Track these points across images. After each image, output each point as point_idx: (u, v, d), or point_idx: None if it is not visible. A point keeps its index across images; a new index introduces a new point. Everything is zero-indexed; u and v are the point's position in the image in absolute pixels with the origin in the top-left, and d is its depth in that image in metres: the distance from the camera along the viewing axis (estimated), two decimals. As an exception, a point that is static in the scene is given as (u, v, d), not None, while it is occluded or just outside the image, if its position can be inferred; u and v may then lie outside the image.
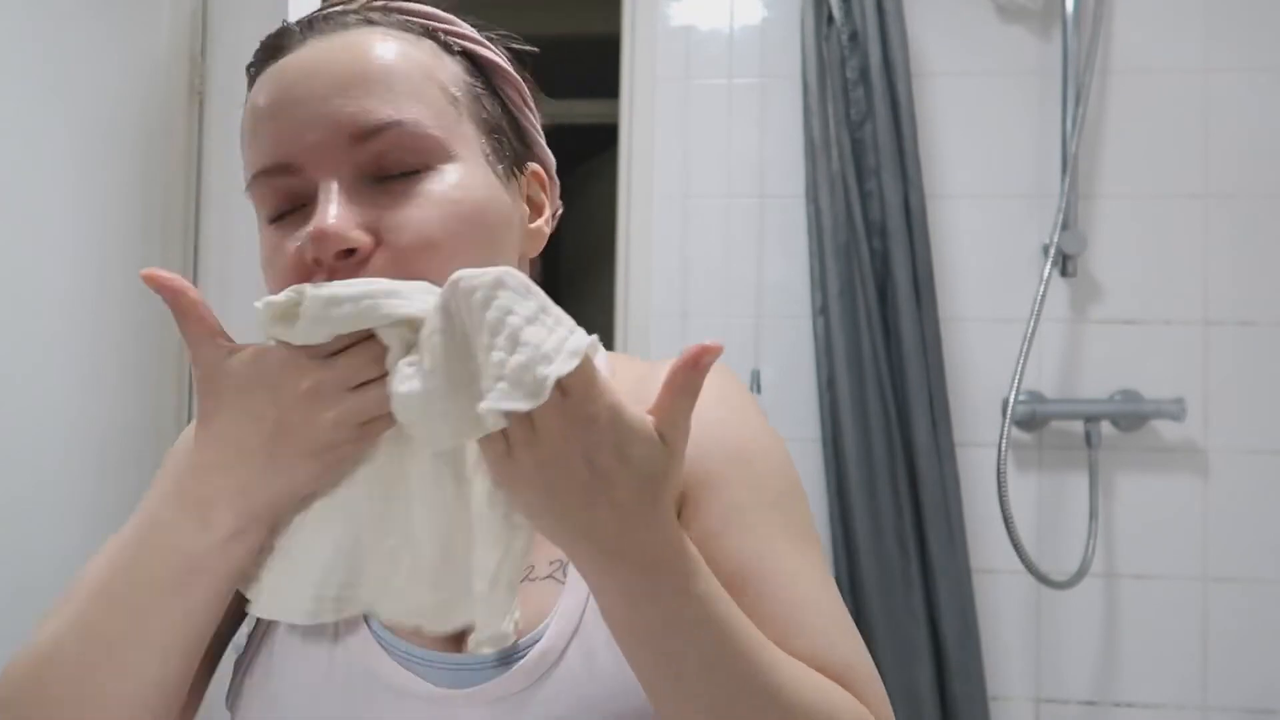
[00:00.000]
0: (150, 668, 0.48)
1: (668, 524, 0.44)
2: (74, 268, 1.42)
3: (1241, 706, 1.53)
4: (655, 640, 0.46)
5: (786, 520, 0.57)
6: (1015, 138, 1.62)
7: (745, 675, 0.46)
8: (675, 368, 0.43)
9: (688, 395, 0.43)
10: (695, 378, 0.43)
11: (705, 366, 0.42)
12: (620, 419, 0.42)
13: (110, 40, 1.49)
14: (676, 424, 0.43)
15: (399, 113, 0.50)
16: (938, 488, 1.48)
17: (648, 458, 0.42)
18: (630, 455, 0.42)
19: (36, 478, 1.33)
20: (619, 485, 0.42)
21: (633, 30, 1.70)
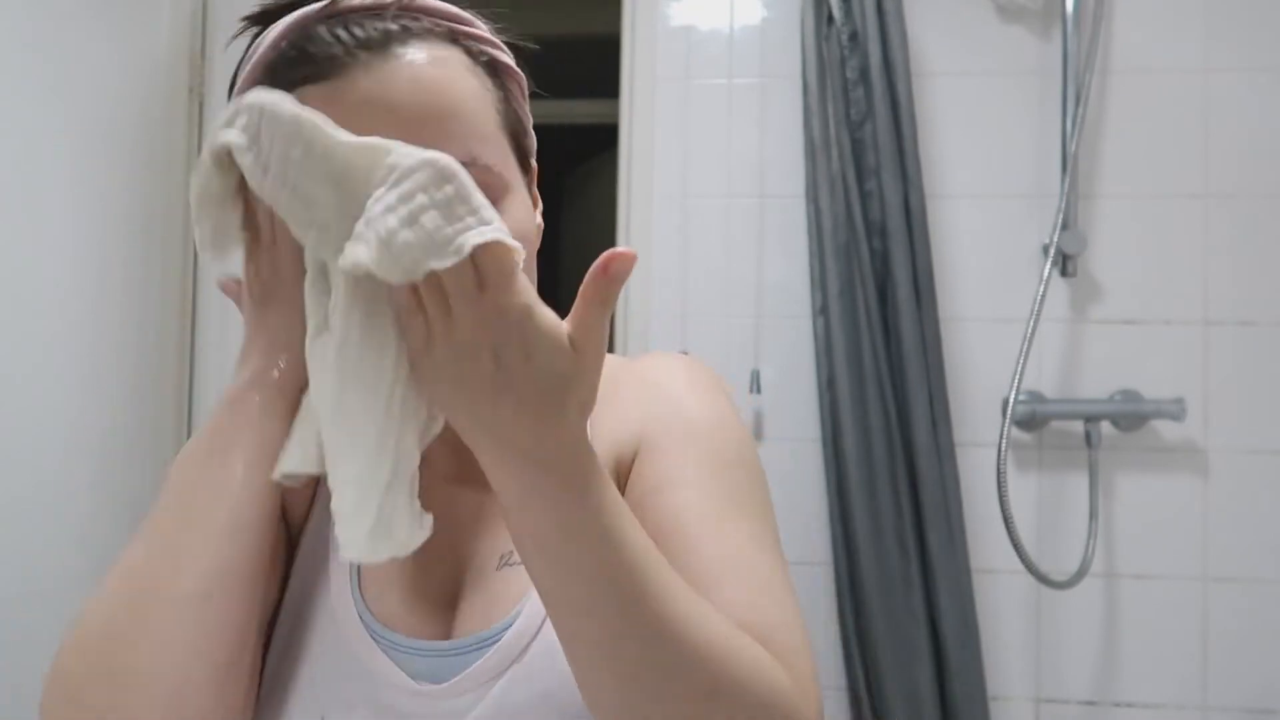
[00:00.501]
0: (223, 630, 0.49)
1: (571, 429, 0.44)
2: (74, 268, 1.42)
3: (1241, 706, 1.53)
4: (549, 547, 0.45)
5: (729, 490, 0.57)
6: (1015, 138, 1.62)
7: (636, 597, 0.45)
8: (588, 277, 0.43)
9: (599, 304, 0.43)
10: (606, 285, 0.43)
11: (615, 273, 0.43)
12: (531, 319, 0.42)
13: (110, 40, 1.49)
14: (588, 332, 0.44)
15: (469, 154, 0.52)
16: (938, 488, 1.48)
17: (554, 360, 0.43)
18: (536, 355, 0.42)
19: (36, 478, 1.33)
20: (524, 383, 0.43)
21: (633, 30, 1.70)
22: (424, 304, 0.43)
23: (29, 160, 1.33)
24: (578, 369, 0.44)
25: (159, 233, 1.60)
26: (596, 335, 0.44)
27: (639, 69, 1.69)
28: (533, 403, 0.43)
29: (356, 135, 0.46)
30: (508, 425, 0.43)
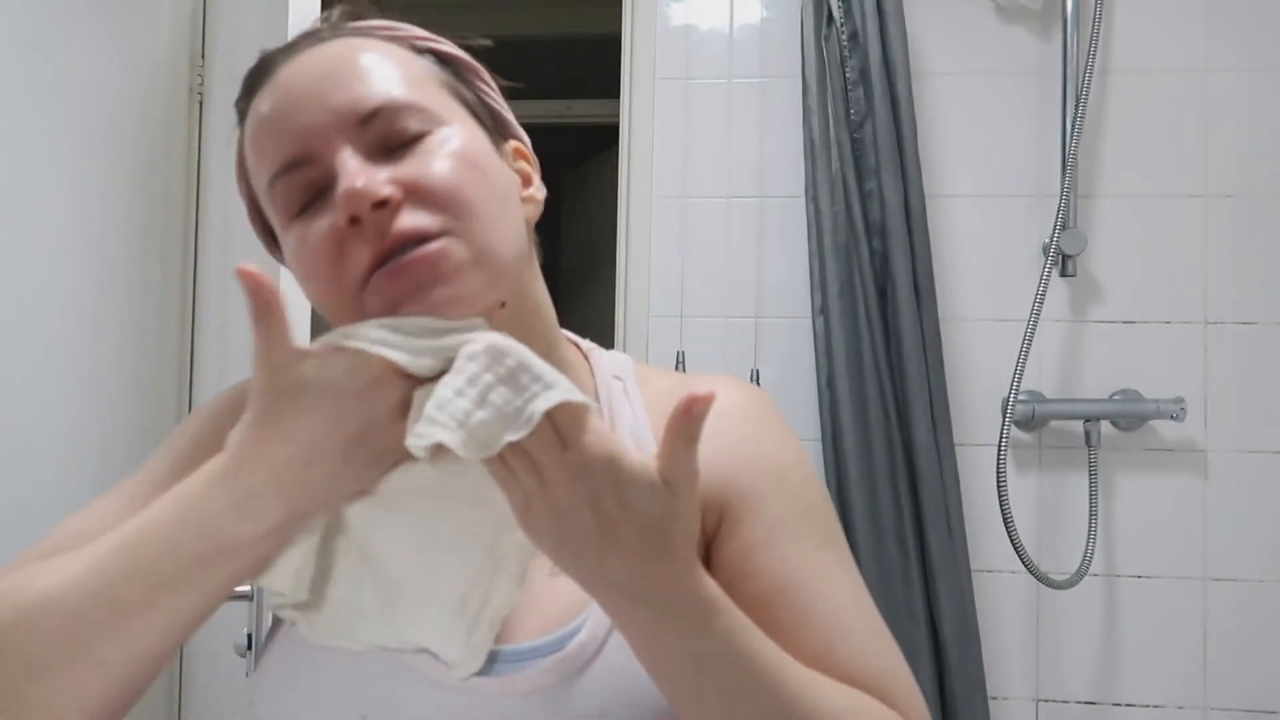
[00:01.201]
0: (150, 640, 0.49)
1: (681, 565, 0.46)
2: (74, 268, 1.42)
3: (1241, 706, 1.53)
4: (676, 673, 0.48)
5: (821, 531, 0.60)
6: (1015, 138, 1.62)
7: (768, 707, 0.48)
8: (672, 416, 0.44)
9: (686, 440, 0.44)
10: (690, 425, 0.44)
11: (698, 415, 0.44)
12: (619, 467, 0.44)
13: (110, 40, 1.49)
14: (679, 468, 0.45)
15: (390, 92, 0.54)
16: (938, 488, 1.48)
17: (650, 503, 0.44)
18: (632, 501, 0.44)
19: (36, 478, 1.33)
20: (625, 530, 0.44)
21: (632, 30, 1.70)
22: (515, 472, 0.45)
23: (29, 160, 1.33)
24: (674, 505, 0.45)
25: (159, 233, 1.60)
26: (687, 469, 0.45)
27: (639, 69, 1.69)
28: (638, 547, 0.45)
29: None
30: (618, 572, 0.45)
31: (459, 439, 0.44)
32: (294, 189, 0.54)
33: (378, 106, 0.53)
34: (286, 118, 0.54)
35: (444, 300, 0.50)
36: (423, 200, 0.52)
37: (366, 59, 0.56)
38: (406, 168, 0.53)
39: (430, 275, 0.50)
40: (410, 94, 0.55)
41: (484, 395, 0.44)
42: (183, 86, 1.65)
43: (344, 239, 0.51)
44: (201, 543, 0.48)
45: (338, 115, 0.53)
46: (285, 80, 0.55)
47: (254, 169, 0.57)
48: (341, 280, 0.52)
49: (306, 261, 0.54)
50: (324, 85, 0.54)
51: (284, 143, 0.54)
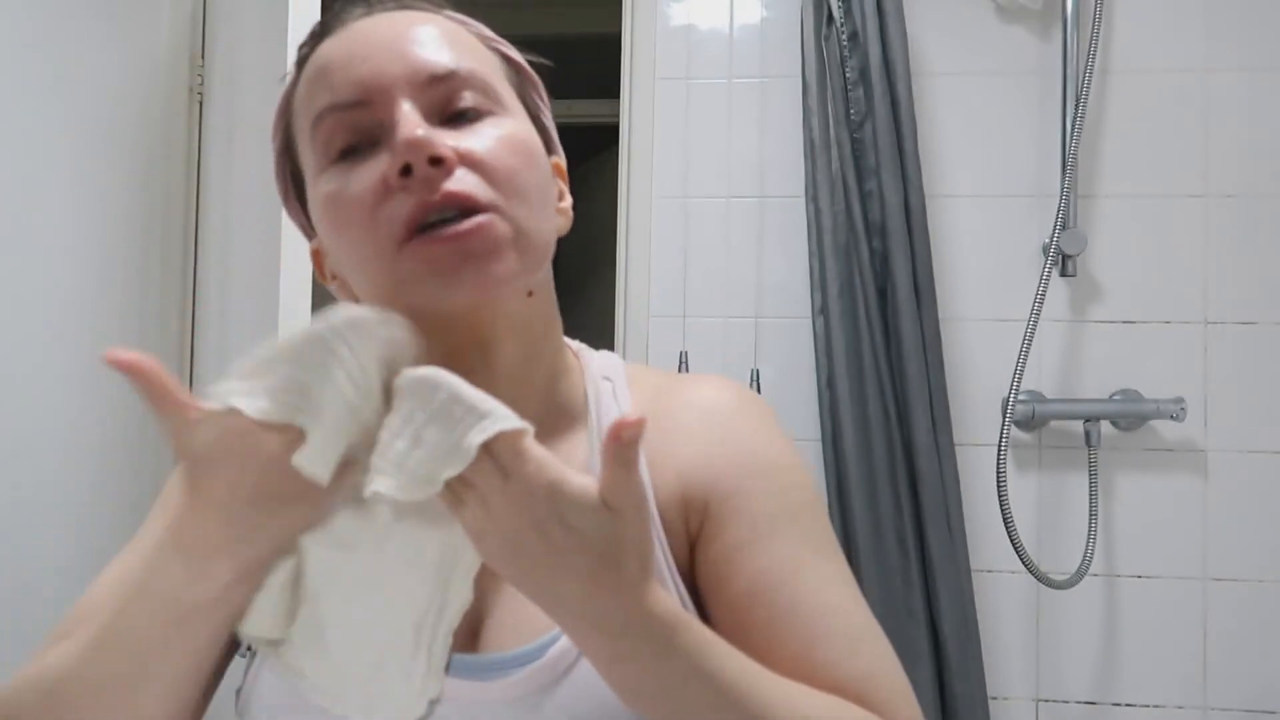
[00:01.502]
0: (158, 703, 0.50)
1: (634, 587, 0.45)
2: (74, 267, 1.42)
3: (1241, 707, 1.53)
4: (642, 695, 0.47)
5: (807, 530, 0.58)
6: (1015, 138, 1.62)
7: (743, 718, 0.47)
8: (605, 441, 0.43)
9: (623, 464, 0.43)
10: (623, 450, 0.43)
11: (628, 440, 0.43)
12: (560, 493, 0.43)
13: (110, 40, 1.49)
14: (620, 493, 0.44)
15: (464, 63, 0.55)
16: (938, 488, 1.48)
17: (595, 528, 0.43)
18: (576, 527, 0.43)
19: (36, 478, 1.33)
20: (574, 554, 0.44)
21: (632, 30, 1.70)
22: (464, 501, 0.44)
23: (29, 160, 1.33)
24: (620, 529, 0.44)
25: (159, 233, 1.60)
26: (628, 492, 0.44)
27: (639, 69, 1.69)
28: (589, 571, 0.44)
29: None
30: (575, 598, 0.45)
31: (398, 483, 0.44)
32: (342, 128, 0.54)
33: (451, 70, 0.54)
34: (354, 61, 0.54)
35: (490, 276, 0.51)
36: (477, 170, 0.52)
37: (446, 28, 0.57)
38: (466, 138, 0.53)
39: (482, 248, 0.51)
40: (484, 70, 0.56)
41: (418, 434, 0.44)
42: (183, 86, 1.64)
43: (390, 189, 0.51)
44: (170, 608, 0.48)
45: (409, 69, 0.53)
46: (361, 29, 0.56)
47: (302, 106, 0.57)
48: (378, 232, 0.52)
49: (344, 208, 0.53)
50: (399, 40, 0.54)
51: (346, 82, 0.53)
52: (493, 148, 0.53)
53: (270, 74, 0.58)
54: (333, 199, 0.54)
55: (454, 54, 0.55)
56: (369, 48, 0.54)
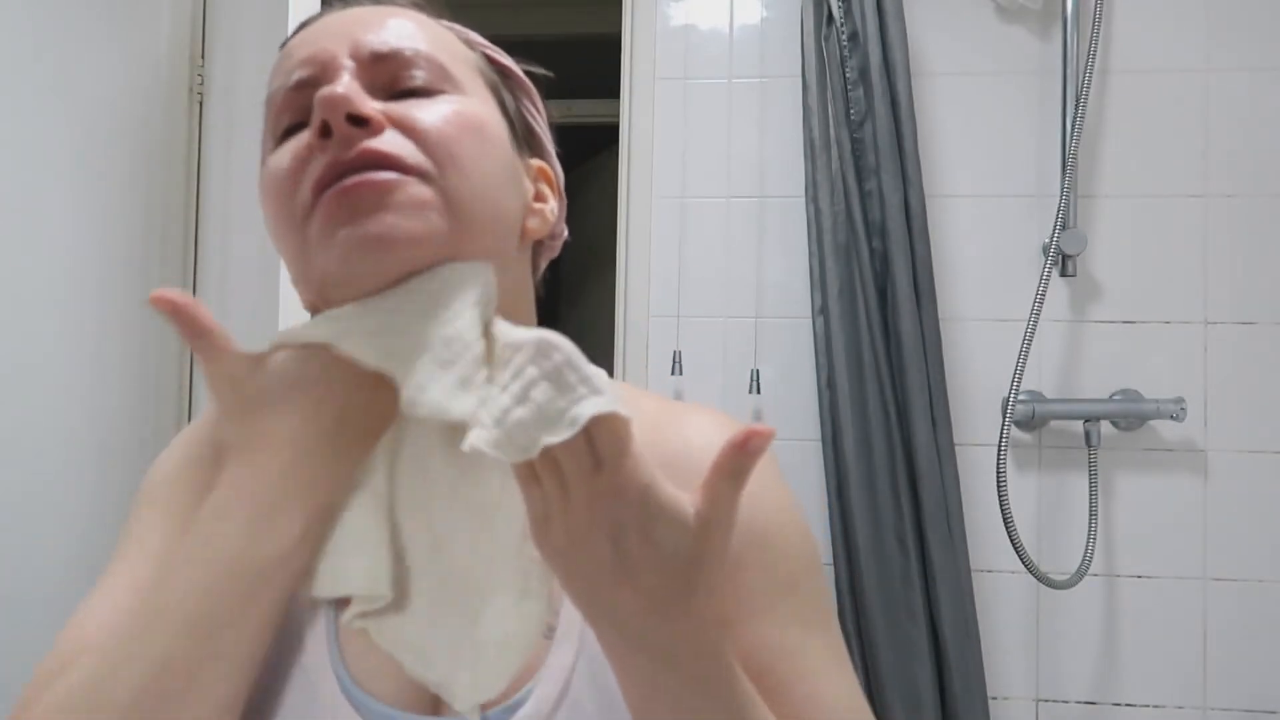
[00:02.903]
0: (224, 685, 0.46)
1: (697, 616, 0.41)
2: (74, 267, 1.42)
3: (1241, 707, 1.53)
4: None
5: (802, 603, 0.54)
6: (1015, 138, 1.62)
7: None
8: (724, 449, 0.40)
9: (734, 479, 0.40)
10: (744, 461, 0.39)
11: (754, 451, 0.39)
12: (651, 498, 0.39)
13: (110, 41, 1.49)
14: (719, 508, 0.40)
15: (413, 42, 0.52)
16: (938, 488, 1.48)
17: (677, 543, 0.40)
18: (658, 539, 0.39)
19: (36, 478, 1.33)
20: (644, 570, 0.40)
21: (632, 30, 1.70)
22: (541, 479, 0.40)
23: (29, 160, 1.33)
24: (704, 549, 0.40)
25: (159, 233, 1.60)
26: (726, 514, 0.40)
27: (639, 69, 1.69)
28: (654, 590, 0.40)
29: None
30: (628, 613, 0.41)
31: (493, 438, 0.40)
32: (288, 108, 0.51)
33: (396, 49, 0.51)
34: (305, 45, 0.53)
35: (386, 231, 0.45)
36: (412, 137, 0.48)
37: (406, 16, 0.54)
38: (408, 108, 0.49)
39: (375, 201, 0.46)
40: (433, 51, 0.52)
41: (526, 391, 0.40)
42: (183, 86, 1.64)
43: (306, 159, 0.48)
44: (236, 579, 0.45)
45: (352, 44, 0.51)
46: (321, 19, 0.55)
47: (267, 103, 0.55)
48: (292, 202, 0.48)
49: (266, 182, 0.50)
50: (352, 23, 0.53)
51: (294, 63, 0.52)
52: (435, 117, 0.49)
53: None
54: (264, 175, 0.51)
55: (407, 37, 0.52)
56: (323, 33, 0.53)
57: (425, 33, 0.54)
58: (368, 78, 0.50)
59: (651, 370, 1.66)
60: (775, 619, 0.52)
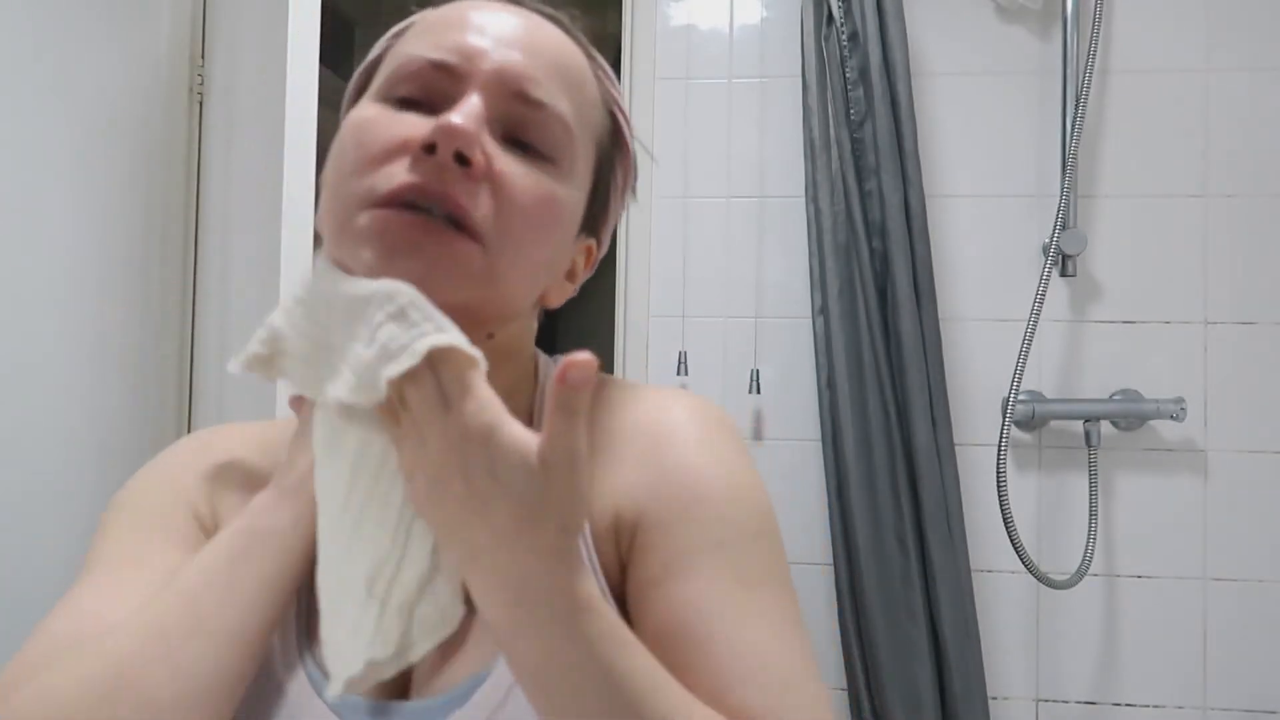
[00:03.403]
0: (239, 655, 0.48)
1: (551, 554, 0.42)
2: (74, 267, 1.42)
3: (1241, 707, 1.53)
4: (544, 680, 0.43)
5: (738, 562, 0.52)
6: (1015, 138, 1.62)
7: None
8: (551, 385, 0.40)
9: (565, 413, 0.40)
10: (568, 394, 0.40)
11: (574, 381, 0.39)
12: (495, 437, 0.41)
13: (110, 41, 1.49)
14: (556, 446, 0.41)
15: (563, 108, 0.51)
16: (938, 488, 1.48)
17: (522, 481, 0.41)
18: (503, 476, 0.41)
19: (36, 478, 1.33)
20: (494, 507, 0.41)
21: (632, 30, 1.70)
22: (404, 434, 0.42)
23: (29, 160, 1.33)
24: (547, 488, 0.41)
25: (159, 233, 1.60)
26: (565, 450, 0.41)
27: (639, 69, 1.69)
28: (506, 526, 0.41)
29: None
30: (486, 552, 0.42)
31: (348, 384, 0.43)
32: (412, 81, 0.50)
33: (543, 104, 0.50)
34: (469, 32, 0.51)
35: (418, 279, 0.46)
36: (495, 198, 0.48)
37: (575, 56, 0.54)
38: (511, 165, 0.49)
39: (425, 248, 0.47)
40: (574, 117, 0.52)
41: (373, 334, 0.42)
42: (183, 86, 1.64)
43: (404, 151, 0.48)
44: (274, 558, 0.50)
45: (511, 72, 0.50)
46: (492, 10, 0.52)
47: (405, 42, 0.53)
48: (361, 181, 0.48)
49: (357, 137, 0.50)
50: (524, 41, 0.51)
51: (448, 44, 0.50)
52: (527, 195, 0.49)
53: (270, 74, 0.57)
54: (356, 124, 0.50)
55: (560, 91, 0.51)
56: (491, 25, 0.51)
57: (577, 89, 0.53)
58: (501, 107, 0.50)
59: (652, 370, 1.66)
60: (704, 576, 0.51)
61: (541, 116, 0.50)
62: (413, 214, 0.46)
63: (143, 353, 1.57)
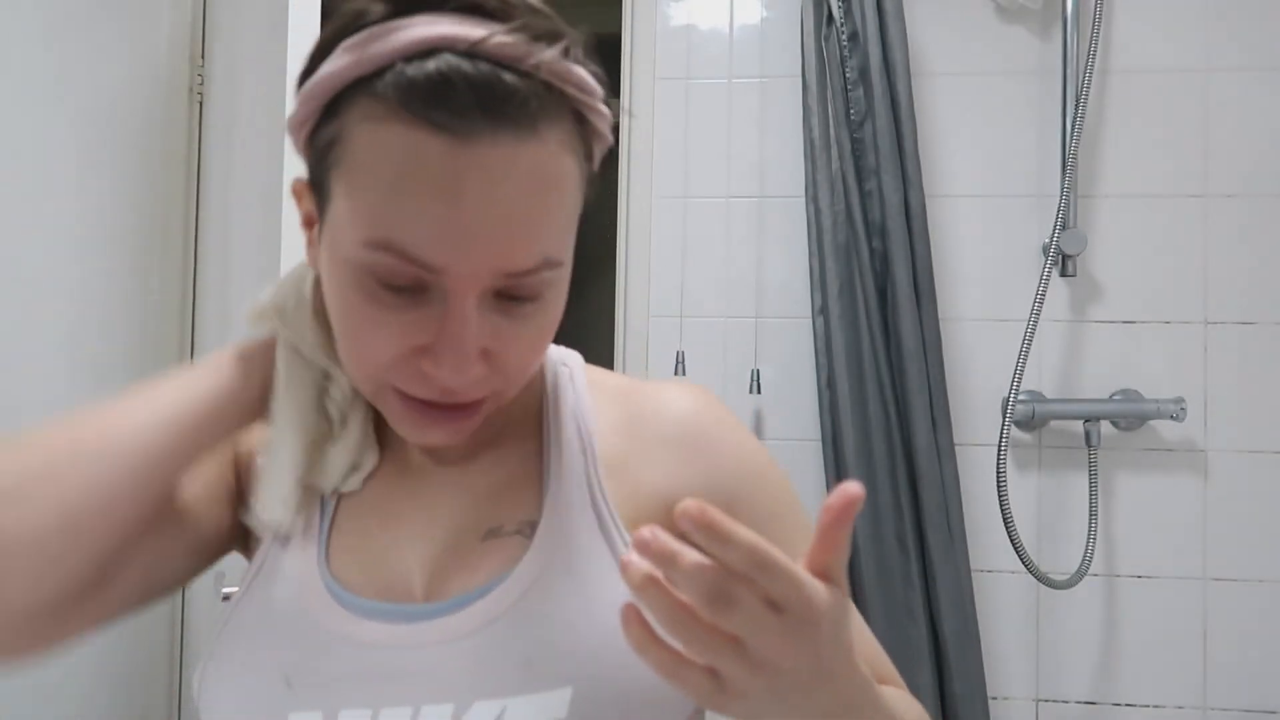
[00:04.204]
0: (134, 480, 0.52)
1: (851, 662, 0.44)
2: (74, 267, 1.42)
3: (1241, 707, 1.53)
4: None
5: (800, 520, 0.61)
6: (1015, 138, 1.62)
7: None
8: (828, 512, 0.40)
9: (839, 544, 0.41)
10: (844, 520, 0.40)
11: (849, 508, 0.39)
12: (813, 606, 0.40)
13: (111, 41, 1.49)
14: (838, 560, 0.41)
15: (552, 253, 0.51)
16: (938, 488, 1.48)
17: (837, 612, 0.41)
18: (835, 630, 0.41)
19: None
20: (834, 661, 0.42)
21: (632, 30, 1.70)
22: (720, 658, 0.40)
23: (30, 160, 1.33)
24: (843, 599, 0.42)
25: (159, 233, 1.60)
26: (839, 561, 0.42)
27: (639, 69, 1.69)
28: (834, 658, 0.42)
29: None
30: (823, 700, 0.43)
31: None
32: (400, 273, 0.49)
33: (535, 267, 0.50)
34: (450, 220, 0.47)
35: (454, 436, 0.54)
36: (493, 370, 0.53)
37: (557, 193, 0.50)
38: (502, 336, 0.51)
39: (457, 418, 0.54)
40: (564, 257, 0.53)
41: None
42: (183, 86, 1.64)
43: (413, 355, 0.51)
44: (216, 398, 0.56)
45: (495, 265, 0.49)
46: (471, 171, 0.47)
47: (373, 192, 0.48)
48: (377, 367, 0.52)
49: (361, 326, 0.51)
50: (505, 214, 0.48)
51: (428, 239, 0.47)
52: (523, 349, 0.53)
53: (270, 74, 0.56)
54: (355, 324, 0.51)
55: (548, 233, 0.50)
56: (474, 219, 0.47)
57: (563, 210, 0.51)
58: (491, 286, 0.50)
59: (652, 370, 1.66)
60: (792, 540, 0.57)
61: (533, 279, 0.51)
62: (433, 408, 0.53)
63: (143, 351, 1.57)
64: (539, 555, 0.55)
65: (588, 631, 0.53)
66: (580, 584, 0.54)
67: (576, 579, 0.54)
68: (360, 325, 0.51)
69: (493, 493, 0.59)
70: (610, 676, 0.52)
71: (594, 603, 0.54)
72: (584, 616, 0.53)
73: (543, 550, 0.55)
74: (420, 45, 0.47)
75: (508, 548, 0.56)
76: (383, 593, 0.56)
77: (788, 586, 0.38)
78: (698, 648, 0.38)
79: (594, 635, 0.52)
